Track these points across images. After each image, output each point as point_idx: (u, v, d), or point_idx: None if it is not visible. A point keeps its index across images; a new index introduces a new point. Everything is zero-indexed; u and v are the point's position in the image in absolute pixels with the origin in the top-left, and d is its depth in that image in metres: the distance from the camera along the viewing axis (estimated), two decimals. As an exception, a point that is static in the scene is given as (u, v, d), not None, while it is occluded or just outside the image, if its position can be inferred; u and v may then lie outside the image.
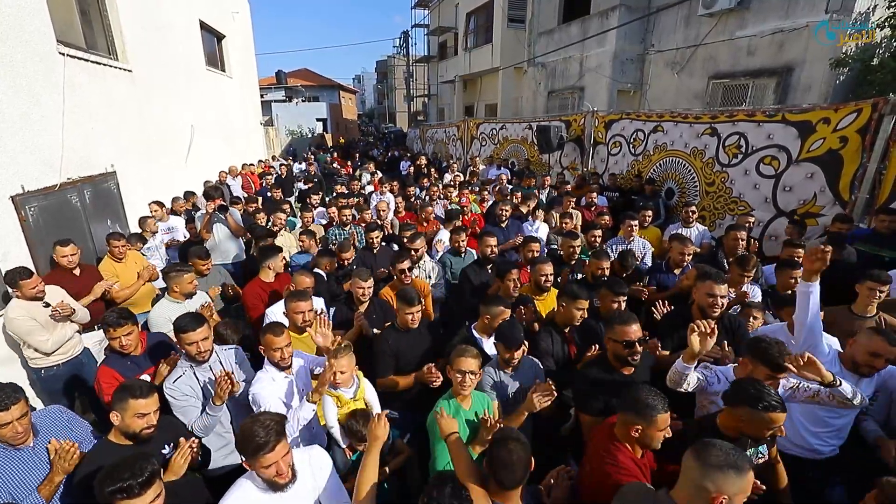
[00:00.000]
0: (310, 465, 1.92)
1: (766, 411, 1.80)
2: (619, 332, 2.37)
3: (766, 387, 1.87)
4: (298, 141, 24.38)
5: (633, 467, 1.86)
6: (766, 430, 1.84)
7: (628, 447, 1.91)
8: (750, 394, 1.85)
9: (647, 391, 1.89)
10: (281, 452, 1.70)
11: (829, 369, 2.13)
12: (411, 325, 2.91)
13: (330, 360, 2.47)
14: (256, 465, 1.69)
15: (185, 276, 3.38)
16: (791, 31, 8.06)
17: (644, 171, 7.35)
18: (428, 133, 17.93)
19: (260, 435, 1.66)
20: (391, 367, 2.87)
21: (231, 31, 11.81)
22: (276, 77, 31.02)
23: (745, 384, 1.92)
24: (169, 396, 2.43)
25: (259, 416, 1.77)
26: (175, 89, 8.09)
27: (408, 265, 3.53)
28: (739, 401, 1.88)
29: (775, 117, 5.30)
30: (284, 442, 1.74)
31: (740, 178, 5.75)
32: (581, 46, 12.13)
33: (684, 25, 10.19)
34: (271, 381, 2.52)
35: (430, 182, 7.70)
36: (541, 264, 3.42)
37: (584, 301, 2.85)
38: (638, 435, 1.87)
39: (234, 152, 11.46)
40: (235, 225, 5.21)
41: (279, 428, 1.73)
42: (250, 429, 1.69)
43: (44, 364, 3.38)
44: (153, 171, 7.05)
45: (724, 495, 1.46)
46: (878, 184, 4.41)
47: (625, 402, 1.93)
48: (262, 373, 2.57)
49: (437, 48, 23.00)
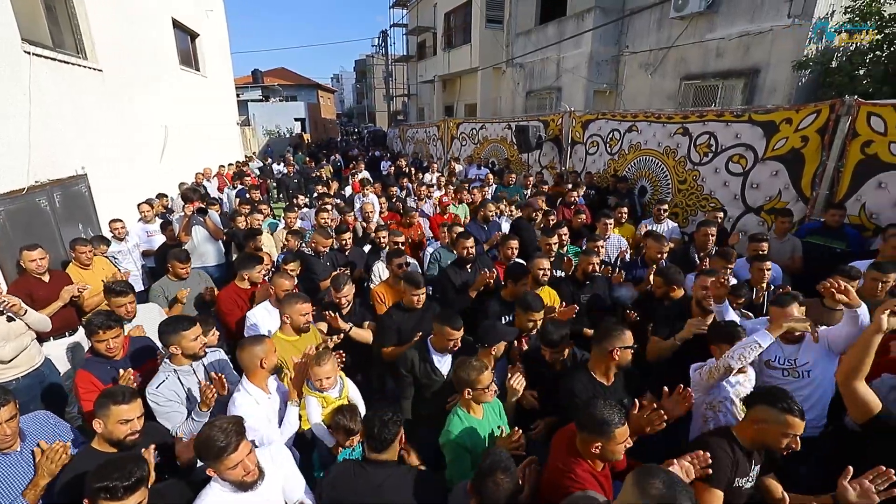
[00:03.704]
0: (273, 462, 1.97)
1: (784, 413, 1.79)
2: (624, 339, 2.39)
3: (787, 392, 1.88)
4: (276, 141, 24.06)
5: (591, 480, 1.87)
6: (783, 437, 1.81)
7: (587, 462, 1.91)
8: (771, 393, 1.87)
9: (603, 407, 1.86)
10: (244, 451, 1.74)
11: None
12: (416, 305, 3.19)
13: (313, 368, 2.50)
14: (221, 468, 1.70)
15: (119, 299, 3.10)
16: (757, 34, 8.37)
17: (620, 169, 7.53)
18: (408, 133, 17.93)
19: (220, 438, 1.68)
20: (394, 340, 3.19)
21: (205, 30, 11.60)
22: (252, 76, 30.57)
23: (766, 387, 1.94)
24: (152, 402, 2.40)
25: (214, 422, 1.77)
26: (147, 89, 7.91)
27: (403, 261, 3.77)
28: (759, 399, 1.89)
29: (742, 117, 5.51)
30: (246, 442, 1.77)
31: (711, 175, 5.96)
32: (558, 47, 12.32)
33: (657, 28, 10.46)
34: (255, 405, 2.38)
35: (415, 182, 7.73)
36: (538, 259, 3.51)
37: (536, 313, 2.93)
38: (598, 452, 1.87)
39: (211, 153, 11.26)
40: (214, 227, 5.14)
41: (238, 429, 1.76)
42: (208, 435, 1.70)
43: (1, 378, 3.08)
44: (126, 172, 6.89)
45: None
46: (836, 181, 4.64)
47: (581, 421, 1.91)
48: (242, 396, 2.38)
49: (415, 48, 23.01)
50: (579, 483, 1.84)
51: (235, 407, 2.33)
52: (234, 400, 2.38)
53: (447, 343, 2.68)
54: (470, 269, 3.95)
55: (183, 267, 3.87)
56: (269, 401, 2.47)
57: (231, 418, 1.80)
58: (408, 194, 8.07)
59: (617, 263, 4.47)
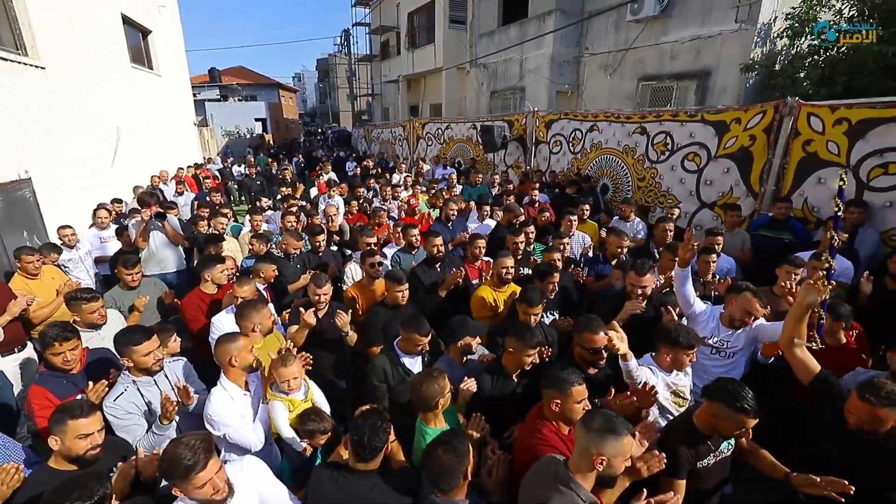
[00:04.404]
0: (244, 476, 1.88)
1: (740, 413, 1.90)
2: (588, 340, 2.50)
3: (746, 390, 1.97)
4: (236, 142, 23.34)
5: (556, 439, 2.01)
6: (735, 430, 1.96)
7: (553, 423, 2.07)
8: (729, 392, 1.96)
9: (565, 368, 2.06)
10: (214, 468, 1.65)
11: (707, 325, 2.87)
12: (401, 301, 3.25)
13: (279, 370, 2.47)
14: (189, 487, 1.61)
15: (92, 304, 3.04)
16: (707, 38, 8.80)
17: (582, 168, 7.75)
18: (373, 133, 17.77)
19: (187, 456, 1.59)
20: (380, 338, 3.21)
21: (158, 26, 11.12)
22: (209, 75, 29.51)
23: (727, 383, 2.02)
24: (110, 415, 2.29)
25: (180, 439, 1.68)
26: (96, 88, 7.52)
27: (377, 260, 3.74)
28: (718, 396, 1.98)
29: (696, 117, 5.78)
30: (215, 458, 1.69)
31: (668, 173, 6.22)
32: (521, 48, 12.53)
33: (615, 30, 10.81)
34: (230, 401, 2.35)
35: (382, 183, 7.67)
36: (502, 258, 3.55)
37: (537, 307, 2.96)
38: (558, 409, 2.02)
39: (167, 155, 10.81)
40: (173, 232, 4.94)
41: (207, 445, 1.67)
42: (174, 453, 1.61)
43: None
44: (75, 176, 6.53)
45: (602, 456, 1.64)
46: (781, 177, 4.94)
47: (545, 379, 2.11)
48: (218, 391, 2.36)
49: (379, 47, 22.81)
50: (545, 441, 1.98)
51: (210, 402, 2.32)
52: (210, 394, 2.37)
53: (415, 348, 2.73)
54: (439, 269, 3.98)
55: (129, 273, 3.68)
56: (244, 398, 2.44)
57: (198, 434, 1.72)
58: (375, 195, 8.01)
59: (581, 260, 4.61)
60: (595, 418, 1.73)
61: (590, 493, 1.67)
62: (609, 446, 1.65)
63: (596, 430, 1.67)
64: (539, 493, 1.71)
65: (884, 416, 1.86)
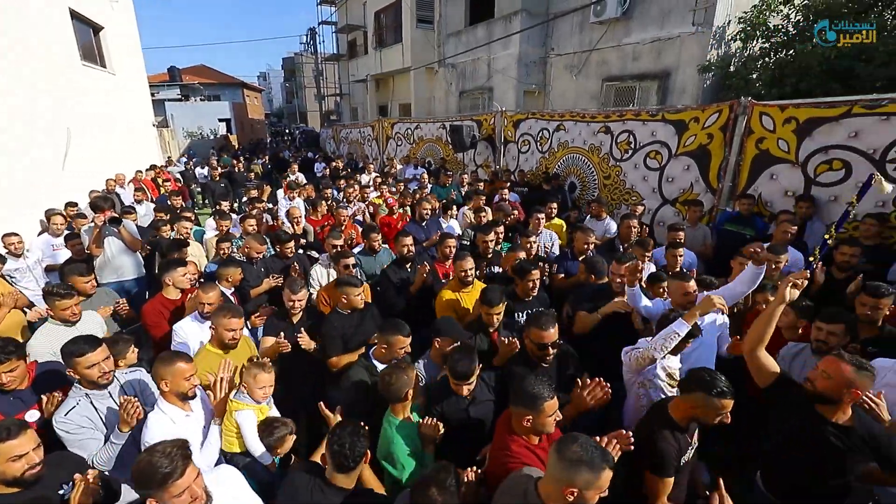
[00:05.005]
0: (219, 484, 1.83)
1: (718, 397, 1.95)
2: (535, 335, 2.53)
3: (718, 375, 2.03)
4: (199, 143, 22.56)
5: (527, 454, 1.96)
6: (716, 415, 1.99)
7: (523, 437, 2.01)
8: (705, 380, 1.99)
9: (533, 382, 1.97)
10: (192, 476, 1.58)
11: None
12: (359, 305, 3.16)
13: (259, 376, 2.42)
14: (166, 496, 1.53)
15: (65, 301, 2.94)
16: (667, 39, 9.10)
17: (550, 167, 7.87)
18: (342, 133, 17.53)
19: (163, 464, 1.52)
20: (340, 348, 3.07)
21: (110, 22, 10.63)
22: (168, 74, 28.39)
23: (699, 372, 2.07)
24: (61, 431, 2.17)
25: (155, 447, 1.60)
26: (44, 87, 7.12)
27: (351, 262, 3.70)
28: (695, 387, 2.02)
29: (657, 116, 5.97)
30: (193, 465, 1.62)
31: (631, 171, 6.40)
32: (488, 48, 12.62)
33: (579, 31, 11.03)
34: (170, 424, 2.20)
35: (347, 183, 7.55)
36: (461, 261, 3.52)
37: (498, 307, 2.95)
38: (529, 425, 1.96)
39: (124, 157, 10.35)
40: (131, 238, 4.71)
41: (184, 452, 1.60)
42: (149, 462, 1.53)
43: None
44: (21, 181, 6.16)
45: (572, 489, 1.50)
46: (737, 173, 5.16)
47: (513, 396, 2.03)
48: (156, 415, 2.21)
49: (346, 46, 22.52)
50: (516, 458, 1.93)
51: (147, 428, 2.17)
52: (147, 420, 2.20)
53: (398, 352, 2.64)
54: (410, 268, 3.96)
55: (87, 281, 3.51)
56: (187, 419, 2.30)
57: (174, 441, 1.64)
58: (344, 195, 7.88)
59: (549, 257, 4.68)
60: (570, 446, 1.55)
61: None
62: (581, 479, 1.50)
63: (569, 461, 1.52)
64: None
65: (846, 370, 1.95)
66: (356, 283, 3.20)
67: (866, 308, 2.81)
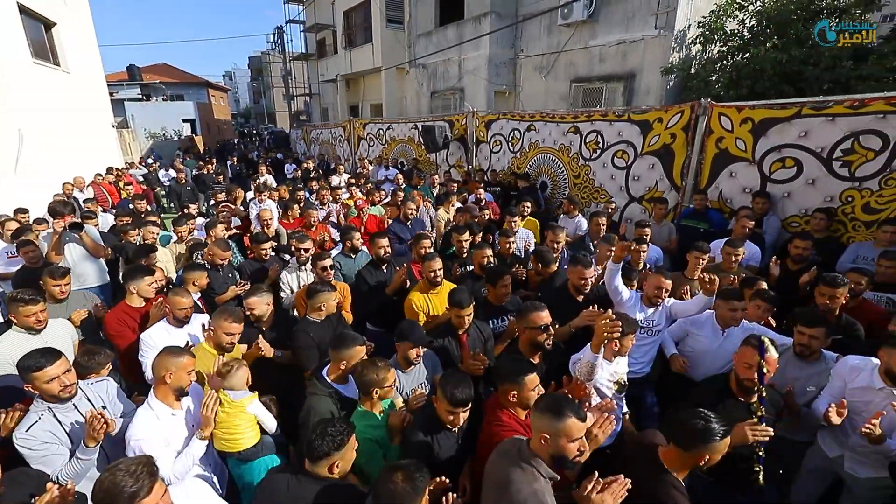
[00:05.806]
0: (188, 498, 1.81)
1: (723, 439, 1.76)
2: (535, 319, 2.58)
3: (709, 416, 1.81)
4: (163, 144, 21.81)
5: (515, 424, 2.12)
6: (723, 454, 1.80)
7: (511, 410, 2.18)
8: (703, 431, 1.76)
9: (514, 361, 2.19)
10: (159, 493, 1.54)
11: (634, 309, 3.13)
12: (331, 310, 3.13)
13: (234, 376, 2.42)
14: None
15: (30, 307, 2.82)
16: (632, 42, 9.38)
17: (522, 166, 8.00)
18: (312, 134, 17.29)
19: (128, 483, 1.47)
20: (316, 357, 2.95)
21: (63, 17, 10.16)
22: (128, 73, 27.26)
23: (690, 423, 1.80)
24: (22, 448, 2.07)
25: (118, 465, 1.54)
26: (-8, 86, 6.75)
27: (329, 263, 3.66)
28: (696, 442, 1.77)
29: (623, 117, 6.16)
30: (160, 482, 1.59)
31: (600, 170, 6.58)
32: (459, 49, 12.68)
33: (547, 33, 11.23)
34: (155, 421, 2.19)
35: (317, 186, 7.43)
36: (429, 261, 3.49)
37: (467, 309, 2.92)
38: (515, 399, 2.14)
39: (82, 160, 9.91)
40: (93, 244, 4.52)
41: (150, 469, 1.55)
42: (112, 482, 1.47)
43: None
44: (-31, 185, 5.83)
45: (544, 434, 1.70)
46: (699, 172, 5.38)
47: (498, 374, 2.26)
48: (144, 410, 2.22)
49: (315, 46, 22.20)
50: (505, 426, 2.08)
51: (133, 423, 2.18)
52: (137, 415, 2.22)
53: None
54: (386, 270, 3.95)
55: (57, 284, 3.36)
56: (172, 418, 2.27)
57: (138, 458, 1.59)
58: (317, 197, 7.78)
59: (523, 256, 4.75)
60: (543, 399, 1.82)
61: (549, 469, 1.72)
62: (549, 425, 1.70)
63: (539, 410, 1.77)
64: (503, 471, 1.76)
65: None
66: (327, 289, 3.13)
67: (825, 298, 2.99)
